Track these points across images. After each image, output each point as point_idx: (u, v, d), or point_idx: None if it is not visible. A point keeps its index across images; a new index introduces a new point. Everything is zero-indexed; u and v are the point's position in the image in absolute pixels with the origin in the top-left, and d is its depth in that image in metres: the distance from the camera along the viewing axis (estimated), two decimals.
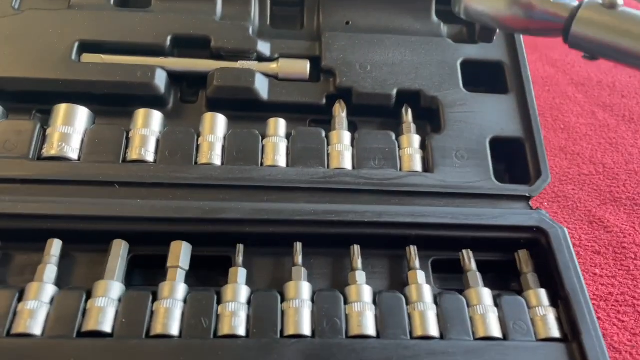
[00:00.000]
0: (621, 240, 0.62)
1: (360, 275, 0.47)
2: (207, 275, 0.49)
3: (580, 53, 0.46)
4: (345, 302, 0.45)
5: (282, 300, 0.45)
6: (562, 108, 0.75)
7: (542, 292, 0.48)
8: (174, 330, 0.43)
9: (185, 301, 0.44)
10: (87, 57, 0.57)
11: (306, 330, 0.43)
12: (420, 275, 0.48)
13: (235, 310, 0.43)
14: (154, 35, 0.58)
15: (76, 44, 0.57)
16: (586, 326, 0.44)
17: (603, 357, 0.43)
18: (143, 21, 0.59)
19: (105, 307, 0.43)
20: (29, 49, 0.56)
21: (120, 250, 0.47)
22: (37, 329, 0.42)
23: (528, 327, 0.45)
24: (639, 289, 0.58)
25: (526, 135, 0.57)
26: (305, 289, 0.46)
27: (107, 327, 0.42)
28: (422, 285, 0.47)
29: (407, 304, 0.46)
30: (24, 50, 0.56)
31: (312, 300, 0.45)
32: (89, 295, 0.44)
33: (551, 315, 0.46)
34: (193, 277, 0.48)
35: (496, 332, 0.45)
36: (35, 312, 0.42)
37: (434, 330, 0.44)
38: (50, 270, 0.45)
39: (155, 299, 0.44)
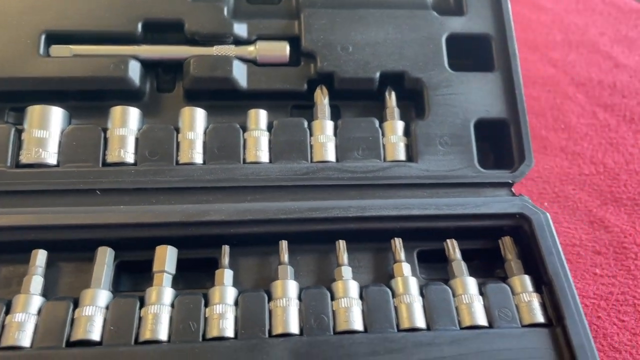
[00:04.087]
0: (621, 240, 0.63)
1: (346, 271, 0.49)
2: (194, 277, 0.51)
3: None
4: (332, 298, 0.47)
5: (269, 300, 0.47)
6: (562, 108, 0.76)
7: (526, 279, 0.50)
8: (163, 335, 0.44)
9: (172, 305, 0.46)
10: (56, 50, 0.56)
11: (294, 328, 0.45)
12: (406, 268, 0.50)
13: (223, 312, 0.45)
14: (124, 21, 0.57)
15: (43, 36, 0.56)
16: (570, 311, 0.47)
17: (587, 341, 0.45)
18: (112, 6, 0.57)
19: (93, 315, 0.45)
20: None
21: (105, 258, 0.48)
22: (25, 341, 0.43)
23: (513, 313, 0.48)
24: (639, 289, 0.59)
25: (511, 117, 0.57)
26: (292, 287, 0.47)
27: (95, 336, 0.44)
28: (408, 278, 0.49)
29: (394, 296, 0.48)
30: None
31: (299, 298, 0.47)
32: (76, 304, 0.46)
33: (535, 301, 0.48)
34: (180, 280, 0.49)
35: (482, 320, 0.47)
36: (23, 324, 0.44)
37: (420, 322, 0.46)
38: (36, 281, 0.46)
39: (142, 305, 0.46)
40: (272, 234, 0.51)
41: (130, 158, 0.53)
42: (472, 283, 0.49)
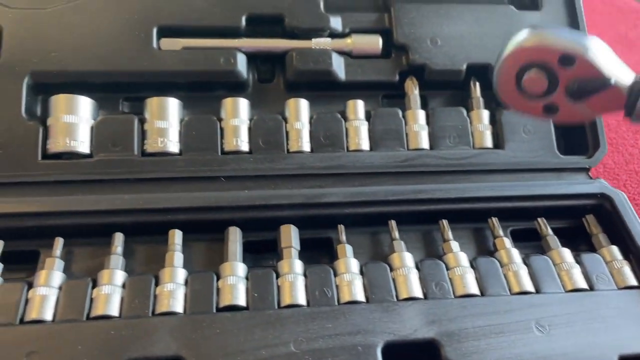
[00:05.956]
0: None
1: (455, 245, 0.55)
2: (311, 256, 0.56)
3: None
4: (447, 269, 0.53)
5: (391, 270, 0.53)
6: None
7: (614, 249, 0.56)
8: (301, 299, 0.50)
9: (305, 275, 0.52)
10: (166, 43, 0.60)
11: (417, 292, 0.51)
12: (507, 241, 0.56)
13: (351, 279, 0.51)
14: (229, 16, 0.62)
15: (154, 29, 0.60)
16: None
17: None
18: (217, 1, 0.62)
19: (236, 283, 0.50)
20: (109, 36, 0.59)
21: (236, 236, 0.54)
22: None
23: (609, 278, 0.54)
24: None
25: None
26: (408, 258, 0.53)
27: (241, 301, 0.49)
28: (510, 249, 0.55)
29: (501, 266, 0.54)
30: (106, 38, 0.59)
31: (417, 268, 0.53)
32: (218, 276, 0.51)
33: (626, 267, 0.55)
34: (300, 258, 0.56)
35: (583, 283, 0.53)
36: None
37: (529, 286, 0.52)
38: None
39: (278, 276, 0.51)
40: (382, 214, 0.57)
41: (245, 147, 0.58)
42: (567, 253, 0.56)
